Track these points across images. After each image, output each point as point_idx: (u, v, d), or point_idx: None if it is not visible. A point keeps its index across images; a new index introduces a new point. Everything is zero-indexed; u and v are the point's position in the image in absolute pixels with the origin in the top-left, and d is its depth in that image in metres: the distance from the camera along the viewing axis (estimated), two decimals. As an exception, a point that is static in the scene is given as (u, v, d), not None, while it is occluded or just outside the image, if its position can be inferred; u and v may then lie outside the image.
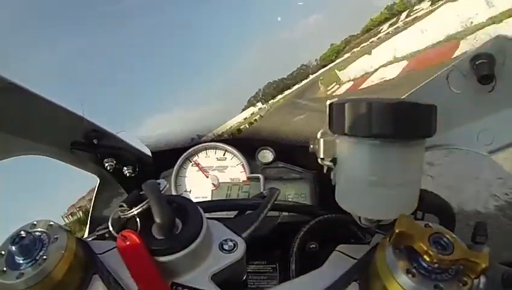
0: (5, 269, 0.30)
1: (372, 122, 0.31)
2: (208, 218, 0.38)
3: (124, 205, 0.34)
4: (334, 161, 0.38)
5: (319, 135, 0.39)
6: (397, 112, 0.31)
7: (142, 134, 0.79)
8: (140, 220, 0.34)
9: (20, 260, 0.30)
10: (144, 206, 0.34)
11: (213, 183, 0.80)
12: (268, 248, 0.66)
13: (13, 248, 0.30)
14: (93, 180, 0.75)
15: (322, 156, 0.39)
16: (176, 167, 0.80)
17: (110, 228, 0.33)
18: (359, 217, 0.38)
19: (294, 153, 0.81)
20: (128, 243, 0.31)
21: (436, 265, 0.28)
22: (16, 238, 0.31)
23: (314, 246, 0.58)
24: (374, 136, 0.31)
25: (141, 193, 0.35)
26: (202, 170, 0.82)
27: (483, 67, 0.40)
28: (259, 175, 0.79)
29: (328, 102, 0.37)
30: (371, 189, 0.33)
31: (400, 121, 0.30)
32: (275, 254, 0.68)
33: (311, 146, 0.40)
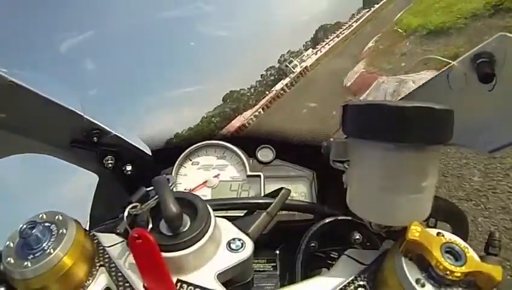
0: (14, 258, 0.31)
1: (387, 126, 0.30)
2: (217, 216, 0.38)
3: (133, 201, 0.34)
4: (346, 163, 0.38)
5: (331, 136, 0.38)
6: (414, 116, 0.29)
7: (142, 132, 0.79)
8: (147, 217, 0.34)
9: (29, 249, 0.31)
10: (153, 203, 0.34)
11: (213, 182, 0.80)
12: (268, 246, 0.66)
13: (23, 237, 0.31)
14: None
15: (334, 158, 0.38)
16: (175, 165, 0.80)
17: (127, 226, 0.33)
18: (370, 222, 0.38)
19: (294, 152, 0.81)
20: (140, 241, 0.31)
21: (447, 276, 0.27)
22: (26, 229, 0.31)
23: (314, 245, 0.58)
24: (388, 140, 0.30)
25: (148, 189, 0.36)
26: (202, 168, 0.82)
27: (484, 66, 0.40)
28: (259, 173, 0.79)
29: (342, 104, 0.36)
30: (383, 194, 0.33)
31: (416, 125, 0.29)
32: (275, 252, 0.68)
33: (324, 146, 0.39)
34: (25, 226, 0.32)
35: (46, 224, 0.33)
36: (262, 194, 0.75)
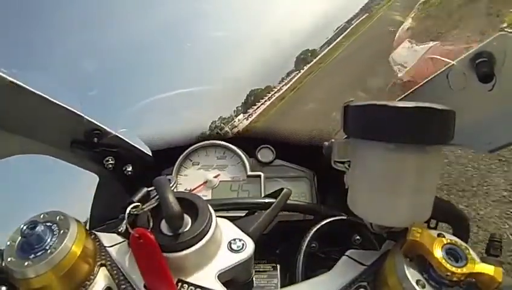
0: (15, 257, 0.31)
1: (388, 126, 0.30)
2: (218, 216, 0.38)
3: (134, 201, 0.34)
4: (348, 163, 0.37)
5: (333, 137, 0.38)
6: (416, 117, 0.29)
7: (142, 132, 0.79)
8: (148, 217, 0.34)
9: (30, 249, 0.31)
10: (154, 203, 0.34)
11: (213, 182, 0.80)
12: (268, 246, 0.66)
13: (24, 237, 0.31)
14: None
15: (335, 159, 0.38)
16: (176, 165, 0.80)
17: (127, 226, 0.33)
18: (371, 223, 0.38)
19: (294, 152, 0.81)
20: (141, 241, 0.32)
21: (447, 277, 0.27)
22: (27, 228, 0.31)
23: (314, 245, 0.58)
24: (389, 140, 0.30)
25: (149, 189, 0.36)
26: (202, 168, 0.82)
27: (484, 66, 0.40)
28: (259, 173, 0.79)
29: (344, 104, 0.36)
30: (384, 195, 0.33)
31: (418, 126, 0.29)
32: (275, 252, 0.69)
33: (326, 147, 0.39)
34: (26, 225, 0.32)
35: (48, 223, 0.33)
36: (263, 194, 0.75)
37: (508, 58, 0.39)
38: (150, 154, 0.78)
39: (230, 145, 0.82)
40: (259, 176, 0.79)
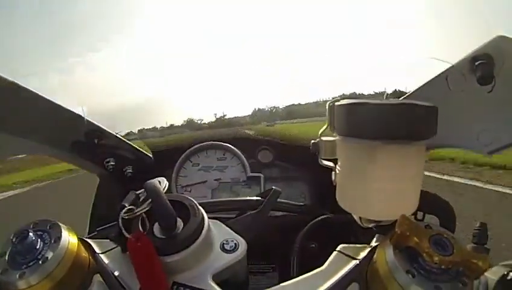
0: (7, 268, 0.30)
1: (372, 124, 0.31)
2: (210, 218, 0.38)
3: (126, 205, 0.34)
4: (334, 161, 0.38)
5: (319, 135, 0.39)
6: (397, 114, 0.30)
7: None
8: (143, 220, 0.34)
9: (21, 259, 0.30)
10: (146, 207, 0.34)
11: (213, 183, 0.81)
12: (266, 248, 0.66)
13: (15, 247, 0.30)
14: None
15: (322, 157, 0.39)
16: (176, 166, 0.81)
17: (123, 231, 0.33)
18: (360, 218, 0.38)
19: (294, 153, 0.81)
20: (139, 244, 0.31)
21: (436, 266, 0.28)
22: (17, 238, 0.31)
23: (314, 245, 0.58)
24: (374, 137, 0.31)
25: (138, 192, 0.36)
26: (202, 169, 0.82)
27: (483, 68, 0.40)
28: (259, 175, 0.79)
29: (329, 103, 0.37)
30: (371, 190, 0.33)
31: (399, 122, 0.30)
32: (274, 253, 0.69)
33: (313, 145, 0.40)
34: (16, 235, 0.31)
35: (38, 233, 0.32)
36: None
37: (507, 60, 0.39)
38: (150, 155, 0.79)
39: (230, 146, 0.82)
40: (259, 177, 0.79)
